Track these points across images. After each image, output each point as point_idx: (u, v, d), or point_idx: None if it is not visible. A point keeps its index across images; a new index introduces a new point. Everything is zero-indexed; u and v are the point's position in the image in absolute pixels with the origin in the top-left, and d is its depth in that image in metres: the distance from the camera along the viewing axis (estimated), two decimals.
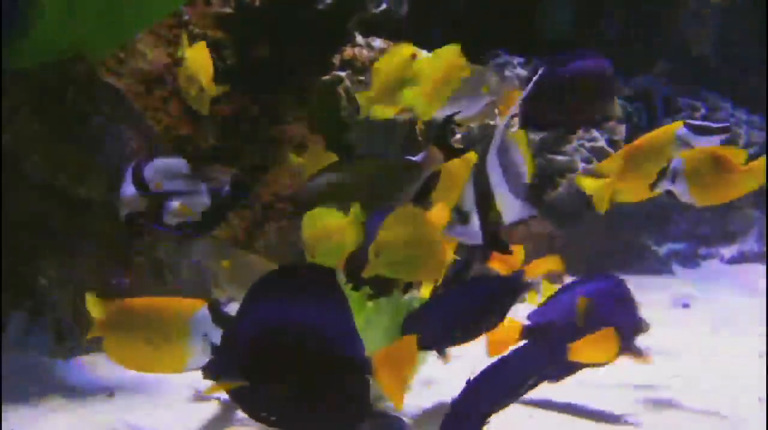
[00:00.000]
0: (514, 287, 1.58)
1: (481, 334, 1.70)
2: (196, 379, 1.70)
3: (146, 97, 2.71)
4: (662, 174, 1.75)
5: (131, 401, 1.83)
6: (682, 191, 1.75)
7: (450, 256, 1.65)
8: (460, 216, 1.34)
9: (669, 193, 1.76)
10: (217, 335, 1.39)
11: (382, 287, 1.64)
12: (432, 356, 1.64)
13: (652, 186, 1.75)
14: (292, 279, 1.16)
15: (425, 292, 1.70)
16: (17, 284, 2.04)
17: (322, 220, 1.43)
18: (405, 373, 1.17)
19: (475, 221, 1.34)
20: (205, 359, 1.39)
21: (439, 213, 1.65)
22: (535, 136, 3.08)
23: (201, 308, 1.44)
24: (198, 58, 1.83)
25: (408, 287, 1.70)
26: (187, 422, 1.70)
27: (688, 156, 1.73)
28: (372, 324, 1.59)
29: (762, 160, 1.71)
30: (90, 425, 1.70)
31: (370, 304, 1.64)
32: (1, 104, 2.00)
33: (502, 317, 1.58)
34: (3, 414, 1.71)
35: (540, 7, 3.60)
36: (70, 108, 2.07)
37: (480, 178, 1.32)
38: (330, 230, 1.43)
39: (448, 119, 1.56)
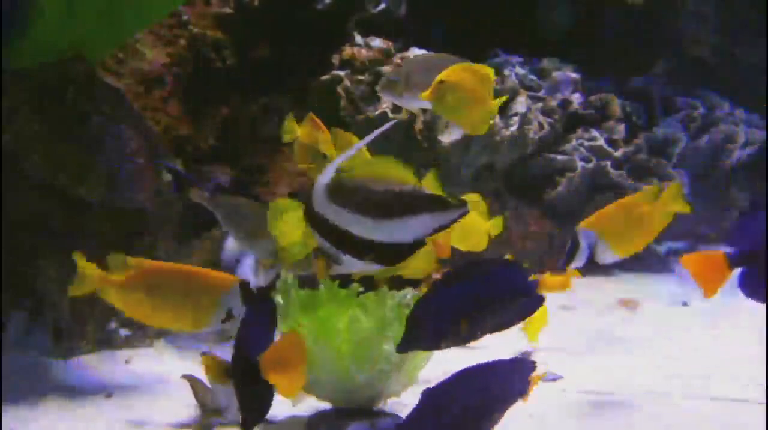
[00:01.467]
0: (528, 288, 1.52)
1: (492, 331, 1.63)
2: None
3: (146, 97, 2.71)
4: (573, 254, 1.75)
5: (130, 402, 1.83)
6: (605, 255, 1.76)
7: (446, 253, 1.65)
8: (333, 259, 1.36)
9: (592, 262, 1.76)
10: (241, 312, 1.49)
11: (369, 284, 1.65)
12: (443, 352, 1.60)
13: (565, 265, 1.77)
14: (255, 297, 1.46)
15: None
16: (17, 284, 2.04)
17: (288, 211, 1.43)
18: (293, 369, 1.30)
19: (350, 259, 1.36)
20: (218, 326, 1.51)
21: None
22: (534, 136, 3.08)
23: (235, 285, 1.50)
24: (311, 130, 1.84)
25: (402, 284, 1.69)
26: (186, 422, 1.70)
27: (595, 222, 1.73)
28: (357, 322, 1.58)
29: (673, 185, 1.71)
30: (89, 425, 1.70)
31: (356, 301, 1.64)
32: (1, 104, 2.00)
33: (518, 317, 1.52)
34: (3, 414, 1.72)
35: (539, 7, 3.60)
36: (70, 108, 2.07)
37: (315, 225, 1.35)
38: (296, 222, 1.43)
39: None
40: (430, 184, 1.31)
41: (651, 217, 1.71)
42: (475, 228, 1.73)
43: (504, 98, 1.76)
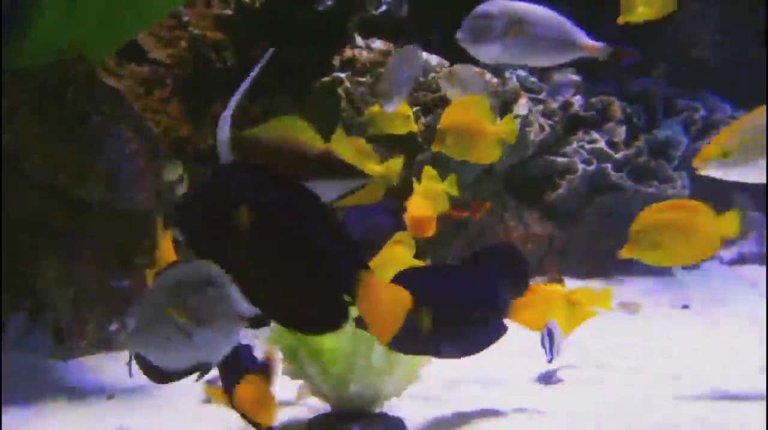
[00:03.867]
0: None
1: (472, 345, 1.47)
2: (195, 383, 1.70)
3: (146, 97, 2.71)
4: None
5: (131, 403, 1.82)
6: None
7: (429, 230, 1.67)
8: None
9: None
10: None
11: None
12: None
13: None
14: None
15: None
16: (17, 284, 2.04)
17: None
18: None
19: None
20: None
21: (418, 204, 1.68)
22: (535, 138, 3.08)
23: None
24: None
25: None
26: (186, 424, 1.70)
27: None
28: (342, 338, 1.58)
29: (733, 214, 1.69)
30: (90, 426, 1.70)
31: None
32: (1, 104, 1.99)
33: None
34: (3, 414, 1.71)
35: None
36: (70, 108, 2.07)
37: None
38: None
39: None
40: (338, 145, 1.28)
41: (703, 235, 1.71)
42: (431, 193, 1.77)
43: (512, 120, 1.77)
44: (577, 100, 3.33)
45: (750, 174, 1.63)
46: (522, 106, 3.05)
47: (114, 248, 2.14)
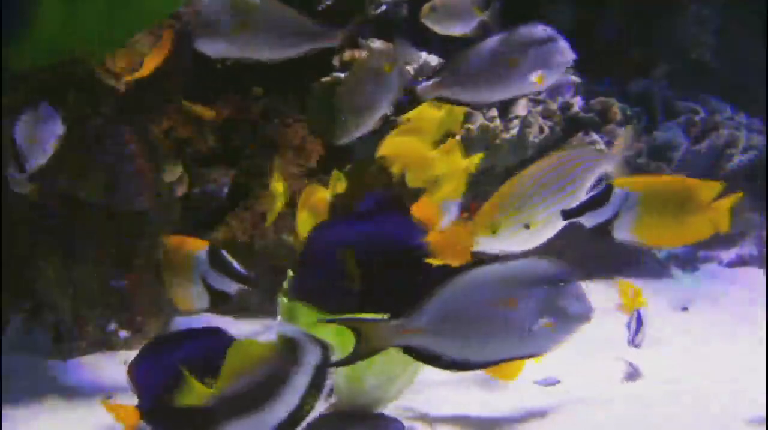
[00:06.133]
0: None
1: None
2: None
3: None
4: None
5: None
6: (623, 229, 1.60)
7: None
8: None
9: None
10: (215, 279, 1.43)
11: None
12: None
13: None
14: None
15: None
16: (17, 284, 2.04)
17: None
18: None
19: None
20: (204, 303, 1.45)
21: (424, 206, 1.69)
22: (535, 139, 3.08)
23: (202, 249, 1.48)
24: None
25: None
26: None
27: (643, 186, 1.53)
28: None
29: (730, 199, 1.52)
30: (89, 426, 1.70)
31: None
32: (1, 104, 1.99)
33: None
34: (3, 414, 1.71)
35: (539, 9, 3.60)
36: (70, 109, 2.07)
37: None
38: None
39: None
40: None
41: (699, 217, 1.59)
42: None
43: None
44: (577, 102, 3.33)
45: (513, 244, 1.61)
46: (521, 107, 3.05)
47: (114, 248, 2.15)
